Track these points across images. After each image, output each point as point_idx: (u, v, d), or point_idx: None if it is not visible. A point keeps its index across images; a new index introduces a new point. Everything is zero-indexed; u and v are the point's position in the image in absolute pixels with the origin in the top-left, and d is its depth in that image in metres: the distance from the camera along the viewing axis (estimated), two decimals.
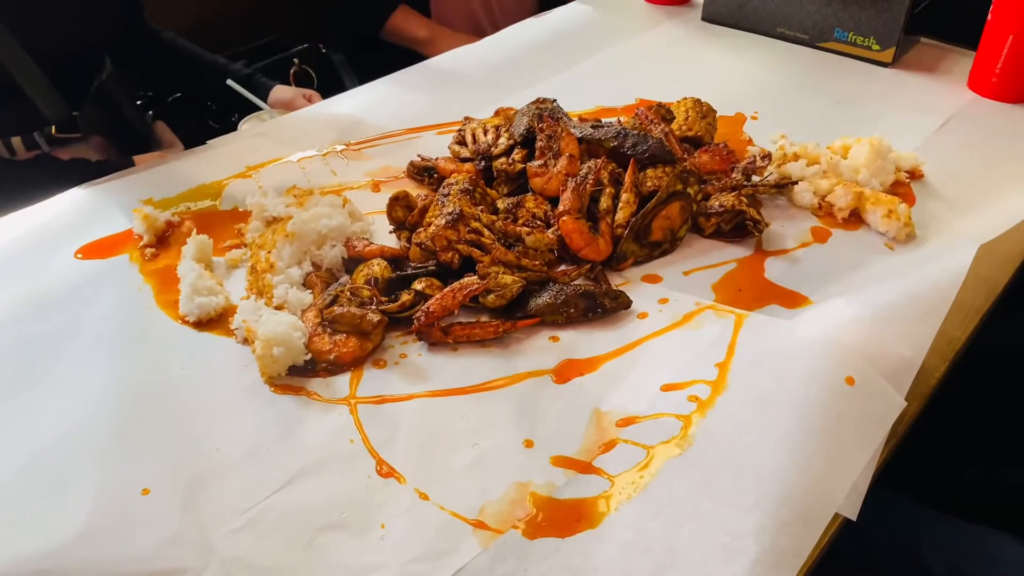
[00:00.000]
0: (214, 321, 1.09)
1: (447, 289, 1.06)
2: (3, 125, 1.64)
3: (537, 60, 1.87)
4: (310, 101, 1.86)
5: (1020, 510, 1.24)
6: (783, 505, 0.82)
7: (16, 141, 1.66)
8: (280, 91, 1.92)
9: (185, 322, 1.09)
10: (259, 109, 1.87)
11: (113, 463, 0.90)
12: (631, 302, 1.11)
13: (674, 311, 1.09)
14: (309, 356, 1.01)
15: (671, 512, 0.83)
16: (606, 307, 1.08)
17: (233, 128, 1.78)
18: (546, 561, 0.79)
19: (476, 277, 1.07)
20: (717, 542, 0.79)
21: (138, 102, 2.14)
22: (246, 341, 1.04)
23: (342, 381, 1.00)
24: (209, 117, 2.23)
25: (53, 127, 1.69)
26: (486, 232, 1.14)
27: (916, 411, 0.99)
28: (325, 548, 0.81)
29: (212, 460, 0.90)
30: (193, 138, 1.65)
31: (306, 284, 1.12)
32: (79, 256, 1.22)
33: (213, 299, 1.08)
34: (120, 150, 1.84)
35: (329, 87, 2.13)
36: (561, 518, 0.84)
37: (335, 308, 1.03)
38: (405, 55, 2.27)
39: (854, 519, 0.84)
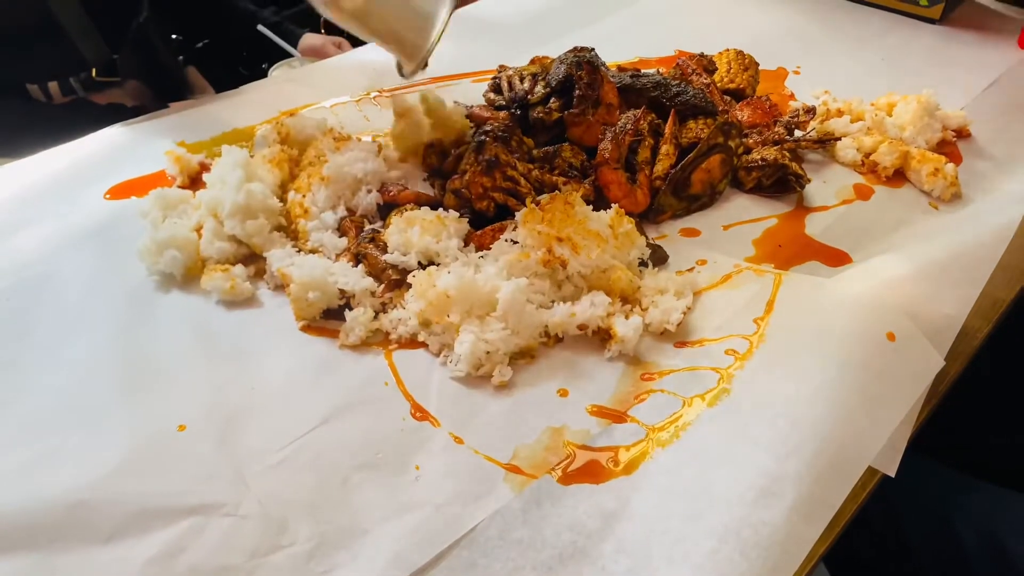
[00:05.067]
0: None
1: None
2: (44, 68, 1.63)
3: (574, 9, 1.83)
4: (340, 49, 1.84)
5: None
6: (820, 455, 0.81)
7: (53, 86, 1.66)
8: (310, 38, 1.89)
9: None
10: (288, 56, 1.84)
11: (150, 400, 0.91)
12: (667, 257, 1.09)
13: (712, 272, 1.07)
14: (344, 300, 1.00)
15: (707, 458, 0.83)
16: (642, 261, 1.06)
17: (263, 75, 1.76)
18: (580, 506, 0.79)
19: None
20: (754, 485, 0.79)
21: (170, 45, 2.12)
22: (278, 288, 1.03)
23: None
24: (240, 64, 2.21)
25: (93, 70, 1.68)
26: (522, 180, 1.12)
27: (957, 372, 0.97)
28: (360, 487, 0.81)
29: (247, 399, 0.90)
30: (223, 85, 1.63)
31: (340, 229, 1.10)
32: (108, 197, 1.22)
33: None
34: (156, 95, 1.83)
35: None
36: (596, 465, 0.84)
37: (368, 246, 1.03)
38: None
39: (892, 475, 0.83)
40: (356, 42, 1.83)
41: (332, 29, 2.23)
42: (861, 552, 1.16)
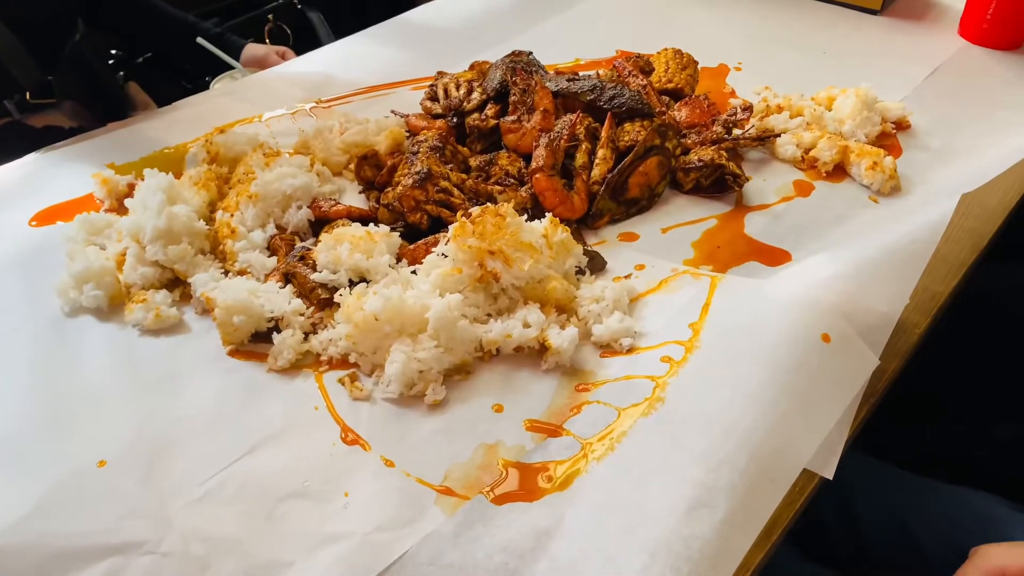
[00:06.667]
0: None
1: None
2: None
3: (515, 12, 1.82)
4: (284, 59, 1.81)
5: (1012, 468, 1.22)
6: (752, 462, 0.80)
7: None
8: (253, 49, 1.86)
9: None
10: (231, 68, 1.81)
11: (70, 436, 0.88)
12: (605, 264, 1.08)
13: (650, 277, 1.06)
14: (272, 322, 0.98)
15: (641, 470, 0.81)
16: (579, 269, 1.05)
17: (207, 88, 1.73)
18: (514, 525, 0.78)
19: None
20: (686, 496, 0.77)
21: (109, 62, 2.08)
22: (205, 312, 1.01)
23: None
24: (183, 78, 2.17)
25: (27, 93, 1.64)
26: (455, 192, 1.11)
27: (896, 369, 0.97)
28: (286, 517, 0.79)
29: (172, 430, 0.88)
30: (167, 99, 1.60)
31: (271, 248, 1.08)
32: (34, 223, 1.19)
33: None
34: (94, 115, 1.78)
35: (306, 45, 2.07)
36: (530, 482, 0.82)
37: (297, 265, 1.01)
38: (384, 12, 2.20)
39: (830, 478, 0.83)
40: (300, 51, 1.80)
41: (277, 39, 2.21)
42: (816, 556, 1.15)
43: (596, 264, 1.07)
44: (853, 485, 1.10)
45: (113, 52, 2.11)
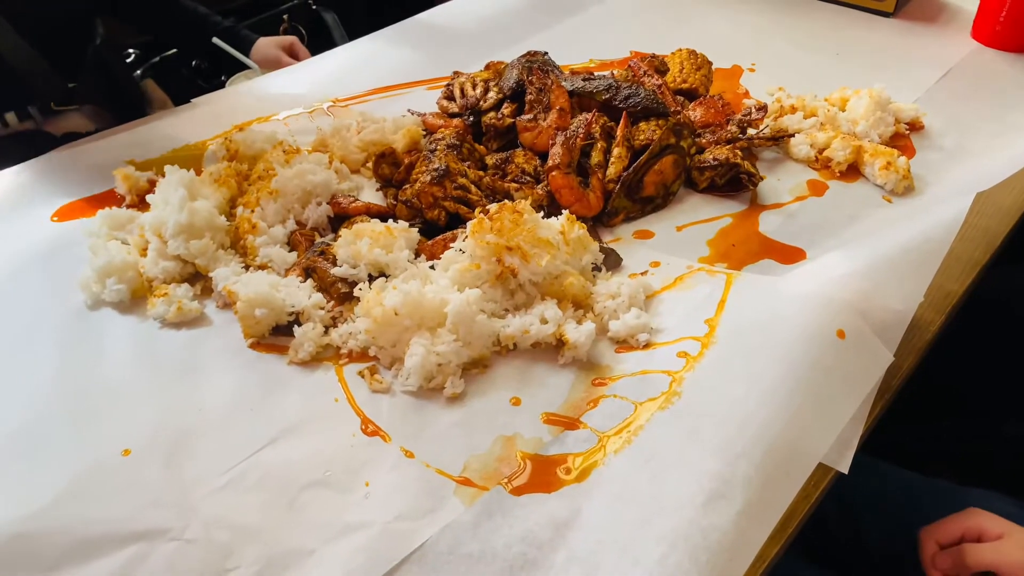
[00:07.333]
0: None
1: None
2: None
3: (530, 13, 1.83)
4: (292, 50, 1.81)
5: (1021, 464, 1.22)
6: (768, 456, 0.80)
7: (9, 116, 1.63)
8: (263, 44, 1.86)
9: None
10: (245, 67, 1.83)
11: (94, 425, 0.89)
12: (621, 260, 1.09)
13: (665, 274, 1.07)
14: (293, 315, 0.99)
15: (658, 463, 0.82)
16: (595, 266, 1.06)
17: (222, 87, 1.74)
18: (532, 516, 0.79)
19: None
20: (703, 488, 0.78)
21: (127, 61, 2.09)
22: (227, 305, 1.02)
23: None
24: (199, 77, 2.19)
25: (51, 103, 1.66)
26: (473, 188, 1.12)
27: (911, 366, 0.97)
28: (308, 506, 0.80)
29: (194, 420, 0.89)
30: (182, 98, 1.61)
31: (290, 243, 1.09)
32: (55, 219, 1.21)
33: None
34: (114, 117, 1.80)
35: (320, 45, 2.08)
36: (548, 473, 0.83)
37: (317, 259, 1.02)
38: (399, 13, 2.21)
39: (846, 472, 0.83)
40: (315, 51, 1.82)
41: (288, 31, 2.22)
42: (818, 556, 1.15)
43: (612, 261, 1.08)
44: (854, 485, 1.10)
45: (130, 51, 2.13)
